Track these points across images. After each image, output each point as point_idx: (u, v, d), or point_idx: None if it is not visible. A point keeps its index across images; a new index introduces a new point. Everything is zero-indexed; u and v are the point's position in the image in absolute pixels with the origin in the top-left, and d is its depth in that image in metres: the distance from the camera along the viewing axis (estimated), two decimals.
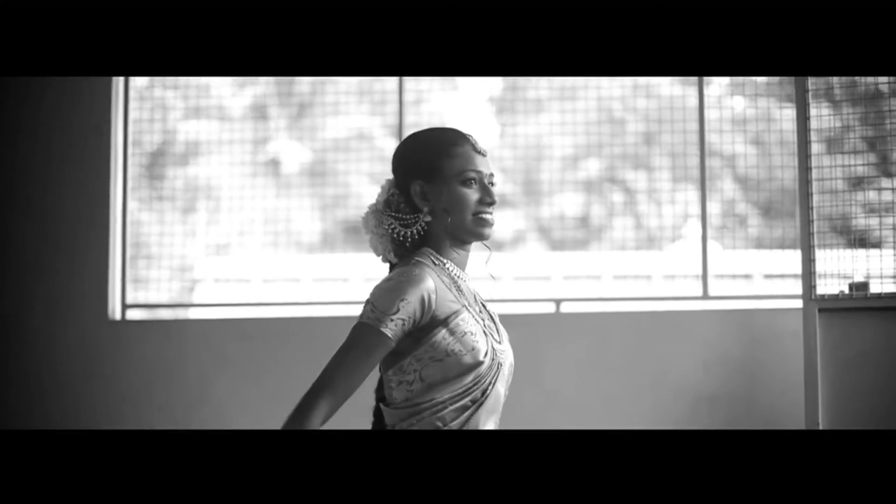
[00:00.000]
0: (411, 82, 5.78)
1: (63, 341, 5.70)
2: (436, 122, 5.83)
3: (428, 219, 2.29)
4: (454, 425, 2.19)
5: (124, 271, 5.77)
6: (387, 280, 2.21)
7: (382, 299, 2.16)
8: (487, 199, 2.29)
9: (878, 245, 4.44)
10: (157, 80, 5.89)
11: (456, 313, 2.21)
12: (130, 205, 5.83)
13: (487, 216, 2.29)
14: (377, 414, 2.31)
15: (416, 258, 2.27)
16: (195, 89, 5.93)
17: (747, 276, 5.74)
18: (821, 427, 4.20)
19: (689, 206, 5.58)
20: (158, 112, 5.91)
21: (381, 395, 2.29)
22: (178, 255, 5.88)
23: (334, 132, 5.88)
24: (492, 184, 2.32)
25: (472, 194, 2.29)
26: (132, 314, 5.82)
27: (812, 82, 4.44)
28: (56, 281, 5.74)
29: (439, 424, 2.18)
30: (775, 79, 5.55)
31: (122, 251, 5.76)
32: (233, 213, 5.86)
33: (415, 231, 2.29)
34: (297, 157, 5.90)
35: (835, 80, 4.48)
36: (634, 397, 5.29)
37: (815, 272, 4.31)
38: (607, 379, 5.33)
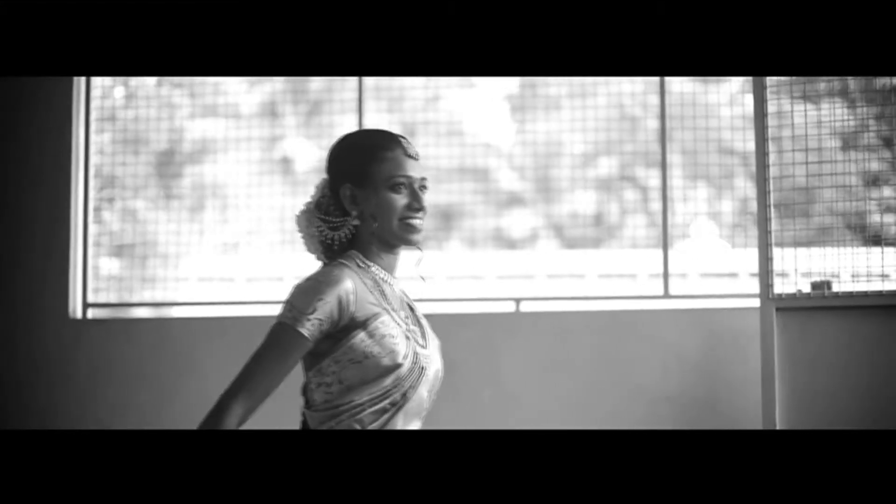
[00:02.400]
0: (427, 81, 5.78)
1: (23, 340, 5.67)
2: (452, 120, 5.84)
3: (356, 223, 2.30)
4: (372, 428, 2.19)
5: (85, 269, 5.75)
6: (306, 280, 2.21)
7: (300, 299, 2.17)
8: (415, 205, 2.29)
9: (879, 243, 4.37)
10: (166, 79, 5.91)
11: (375, 316, 2.21)
12: (138, 203, 5.87)
13: (415, 221, 2.29)
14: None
15: (341, 260, 2.28)
16: (205, 86, 5.93)
17: (732, 276, 5.65)
18: (777, 427, 4.14)
19: (699, 203, 5.53)
20: (166, 111, 5.95)
21: (306, 397, 2.31)
22: (173, 255, 5.85)
23: (347, 130, 5.88)
24: (423, 188, 2.32)
25: (400, 200, 2.29)
26: (93, 313, 5.80)
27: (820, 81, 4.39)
28: (16, 279, 5.72)
29: (357, 427, 2.18)
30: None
31: (83, 249, 5.75)
32: (242, 212, 5.86)
33: (342, 234, 2.30)
34: (309, 155, 5.93)
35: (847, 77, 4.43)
36: (594, 397, 5.22)
37: (772, 271, 4.26)
38: (567, 379, 5.26)
